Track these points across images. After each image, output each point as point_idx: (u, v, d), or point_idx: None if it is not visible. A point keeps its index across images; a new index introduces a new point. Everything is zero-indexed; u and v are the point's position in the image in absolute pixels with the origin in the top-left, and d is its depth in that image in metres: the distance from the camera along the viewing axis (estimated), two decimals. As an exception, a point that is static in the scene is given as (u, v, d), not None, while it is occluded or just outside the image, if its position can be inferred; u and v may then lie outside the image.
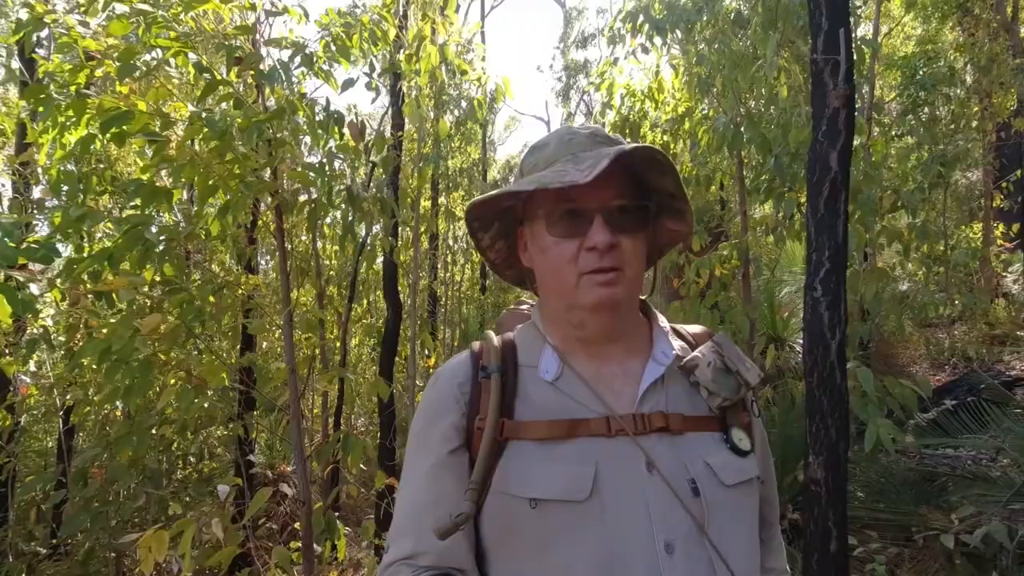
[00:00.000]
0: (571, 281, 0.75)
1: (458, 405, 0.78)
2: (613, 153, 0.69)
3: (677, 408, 0.77)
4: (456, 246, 9.08)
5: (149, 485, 3.65)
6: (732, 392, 0.77)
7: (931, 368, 6.03)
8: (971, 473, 2.89)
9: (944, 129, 6.91)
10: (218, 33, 2.36)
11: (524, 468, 0.72)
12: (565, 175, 0.70)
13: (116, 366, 1.93)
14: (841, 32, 1.54)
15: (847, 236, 1.57)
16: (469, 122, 4.71)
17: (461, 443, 0.76)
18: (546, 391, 0.77)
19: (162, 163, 2.17)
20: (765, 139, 4.12)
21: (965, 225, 7.89)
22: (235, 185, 2.30)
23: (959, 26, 8.01)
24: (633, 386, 0.77)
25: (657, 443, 0.73)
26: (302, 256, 4.25)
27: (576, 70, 21.22)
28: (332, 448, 2.58)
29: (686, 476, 0.72)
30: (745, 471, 0.75)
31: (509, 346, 0.83)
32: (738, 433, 0.77)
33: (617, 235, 0.73)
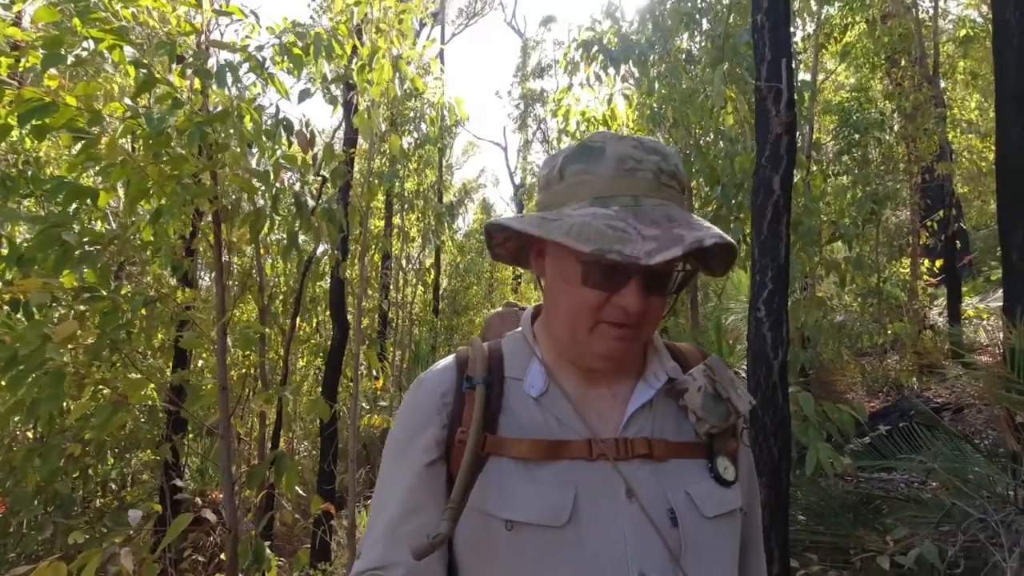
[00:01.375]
0: (586, 325, 0.71)
1: (439, 416, 0.75)
2: (688, 245, 0.62)
3: (663, 433, 0.75)
4: (409, 267, 8.96)
5: (59, 514, 3.33)
6: (721, 419, 0.75)
7: (866, 395, 6.30)
8: (904, 495, 2.98)
9: (875, 170, 7.38)
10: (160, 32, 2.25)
11: (502, 487, 0.70)
12: (626, 241, 0.62)
13: (22, 376, 1.75)
14: (783, 62, 1.60)
15: (788, 258, 1.61)
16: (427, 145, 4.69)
17: (440, 455, 0.74)
18: (531, 407, 0.75)
19: (89, 161, 2.02)
20: (713, 169, 4.28)
21: (895, 260, 8.38)
22: (171, 189, 2.17)
23: (887, 77, 8.65)
24: (620, 408, 0.75)
25: (639, 469, 0.71)
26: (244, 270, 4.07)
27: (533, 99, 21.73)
28: (265, 470, 2.42)
29: (665, 505, 0.70)
30: (727, 502, 0.73)
31: (496, 356, 0.80)
32: (723, 462, 0.75)
33: (650, 296, 0.70)
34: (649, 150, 0.71)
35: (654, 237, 0.63)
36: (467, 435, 0.71)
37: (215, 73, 2.14)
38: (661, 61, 4.23)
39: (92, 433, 2.21)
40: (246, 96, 2.36)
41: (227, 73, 2.14)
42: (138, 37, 2.12)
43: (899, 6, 8.71)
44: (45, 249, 1.86)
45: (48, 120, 1.91)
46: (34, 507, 3.23)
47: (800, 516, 3.53)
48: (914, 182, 7.78)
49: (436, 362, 0.84)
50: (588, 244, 0.63)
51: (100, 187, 2.16)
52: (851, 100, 8.61)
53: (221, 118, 2.17)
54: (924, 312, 7.89)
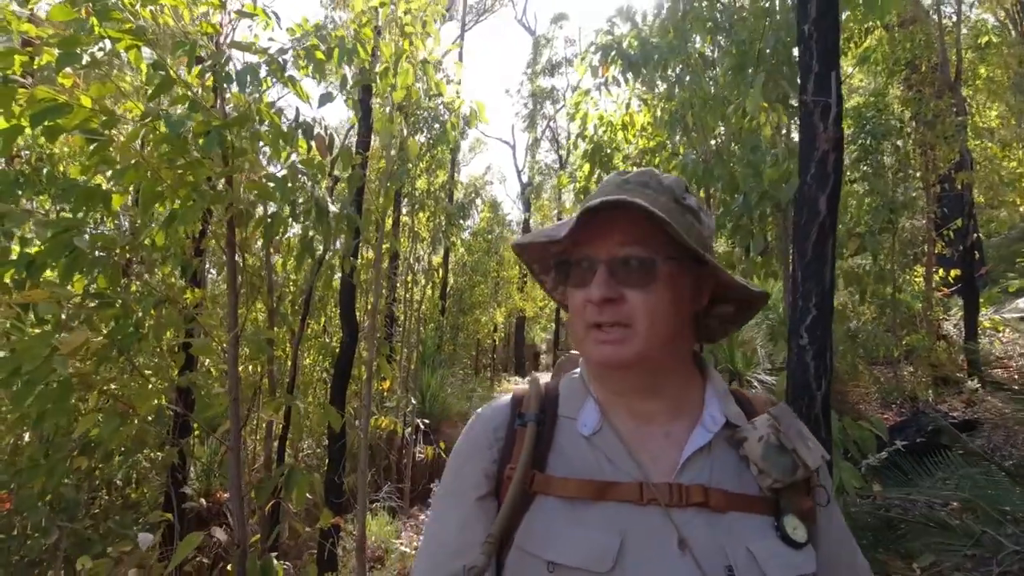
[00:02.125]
0: (581, 333, 0.72)
1: (491, 451, 0.75)
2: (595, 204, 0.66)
3: (721, 483, 0.70)
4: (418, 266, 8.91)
5: (63, 517, 3.27)
6: (785, 473, 0.69)
7: (879, 407, 6.20)
8: (926, 518, 2.90)
9: (892, 178, 7.27)
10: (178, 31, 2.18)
11: (547, 527, 0.68)
12: (558, 227, 0.70)
13: (28, 389, 1.69)
14: (832, 75, 1.52)
15: (833, 282, 1.53)
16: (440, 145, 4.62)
17: (490, 490, 0.73)
18: (582, 446, 0.73)
19: (102, 164, 1.95)
20: (733, 177, 4.19)
21: (909, 269, 8.27)
22: (185, 193, 2.10)
23: (905, 82, 8.52)
24: (675, 452, 0.71)
25: (694, 519, 0.66)
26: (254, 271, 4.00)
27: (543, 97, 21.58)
28: (274, 482, 2.36)
29: (723, 562, 0.64)
30: (797, 566, 0.66)
31: (552, 395, 0.80)
32: (792, 521, 0.68)
33: (621, 288, 0.68)
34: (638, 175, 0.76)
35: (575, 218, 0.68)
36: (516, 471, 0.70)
37: (236, 76, 2.07)
38: (680, 64, 4.14)
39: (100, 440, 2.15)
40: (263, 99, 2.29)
41: (248, 77, 2.07)
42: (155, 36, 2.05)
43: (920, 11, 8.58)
44: (57, 255, 1.80)
45: (61, 121, 1.84)
46: (39, 510, 3.18)
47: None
48: (932, 191, 7.67)
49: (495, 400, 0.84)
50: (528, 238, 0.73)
51: (113, 190, 2.09)
52: (868, 106, 8.49)
53: (240, 122, 2.10)
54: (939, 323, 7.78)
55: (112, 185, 2.08)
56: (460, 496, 0.74)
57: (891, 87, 9.05)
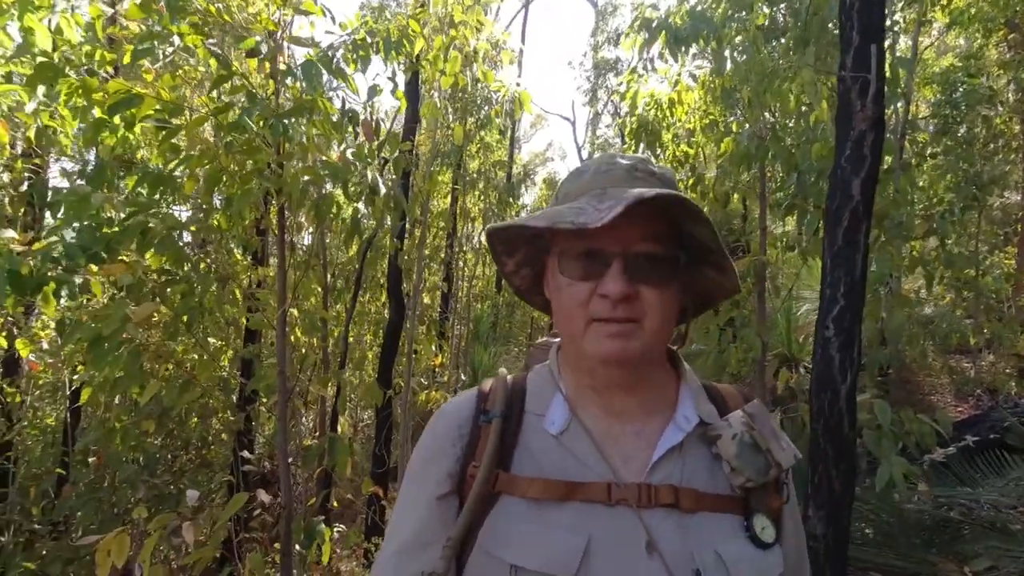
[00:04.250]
0: (579, 327, 0.68)
1: (454, 449, 0.73)
2: (633, 197, 0.62)
3: (693, 482, 0.68)
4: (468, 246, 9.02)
5: (146, 473, 3.65)
6: (759, 473, 0.68)
7: (954, 399, 5.80)
8: (989, 522, 2.72)
9: (981, 150, 6.64)
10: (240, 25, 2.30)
11: (510, 528, 0.66)
12: (581, 214, 0.64)
13: (105, 353, 1.89)
14: (873, 48, 1.41)
15: (866, 271, 1.44)
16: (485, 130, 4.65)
17: (451, 489, 0.72)
18: (549, 445, 0.71)
19: (171, 152, 2.12)
20: (791, 154, 3.98)
21: (999, 250, 7.58)
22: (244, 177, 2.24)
23: (1004, 42, 7.69)
24: (646, 451, 0.70)
25: (664, 520, 0.65)
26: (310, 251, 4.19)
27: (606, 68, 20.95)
28: (319, 451, 2.53)
29: (691, 565, 0.63)
30: (764, 568, 0.66)
31: (519, 389, 0.77)
32: (762, 521, 0.68)
33: (636, 284, 0.66)
34: (628, 158, 0.72)
35: (608, 206, 0.63)
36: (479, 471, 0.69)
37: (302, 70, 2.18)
38: (737, 35, 3.93)
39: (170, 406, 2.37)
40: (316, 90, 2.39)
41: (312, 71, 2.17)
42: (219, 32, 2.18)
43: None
44: (131, 234, 1.99)
45: (134, 111, 2.01)
46: (127, 466, 3.55)
47: (867, 531, 3.32)
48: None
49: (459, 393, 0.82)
50: (542, 221, 0.66)
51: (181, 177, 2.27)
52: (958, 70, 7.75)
53: (298, 112, 2.22)
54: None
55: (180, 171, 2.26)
56: (421, 495, 0.73)
57: (988, 49, 8.21)
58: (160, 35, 1.96)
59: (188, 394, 2.39)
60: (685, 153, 4.36)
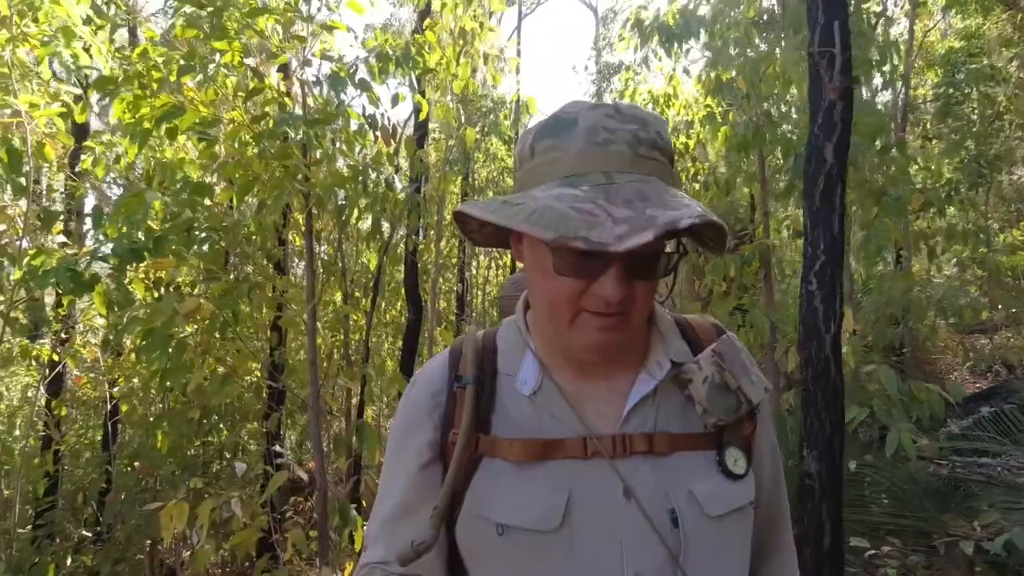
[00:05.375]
0: (567, 317, 0.67)
1: (431, 418, 0.74)
2: (662, 225, 0.56)
3: (667, 426, 0.70)
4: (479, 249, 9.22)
5: (186, 475, 3.85)
6: (730, 412, 0.70)
7: (971, 376, 5.80)
8: (1000, 481, 2.80)
9: (985, 129, 6.67)
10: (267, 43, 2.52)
11: (494, 490, 0.69)
12: (594, 225, 0.57)
13: (156, 343, 2.09)
14: (836, 25, 1.55)
15: (844, 229, 1.57)
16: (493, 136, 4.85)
17: (433, 456, 0.73)
18: (524, 405, 0.72)
19: (210, 160, 2.35)
20: (788, 140, 4.10)
21: (1012, 226, 7.56)
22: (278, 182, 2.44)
23: (1004, 19, 7.71)
24: (620, 402, 0.71)
25: (640, 466, 0.68)
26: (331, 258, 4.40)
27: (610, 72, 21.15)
28: (350, 438, 2.70)
29: (666, 505, 0.66)
30: (736, 499, 0.69)
31: (490, 349, 0.77)
32: (734, 454, 0.70)
33: (632, 283, 0.64)
34: (627, 118, 0.65)
35: (626, 219, 0.57)
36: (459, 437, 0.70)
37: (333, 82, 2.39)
38: (728, 28, 4.08)
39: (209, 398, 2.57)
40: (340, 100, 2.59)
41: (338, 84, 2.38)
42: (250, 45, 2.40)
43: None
44: (178, 231, 2.20)
45: (177, 122, 2.23)
46: (166, 466, 3.77)
47: (884, 499, 3.39)
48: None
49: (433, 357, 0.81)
50: (550, 230, 0.58)
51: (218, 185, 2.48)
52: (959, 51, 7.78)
53: (325, 121, 2.42)
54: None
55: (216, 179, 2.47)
56: (402, 466, 0.74)
57: (988, 27, 8.23)
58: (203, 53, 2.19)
59: (228, 387, 2.58)
60: (685, 144, 4.50)
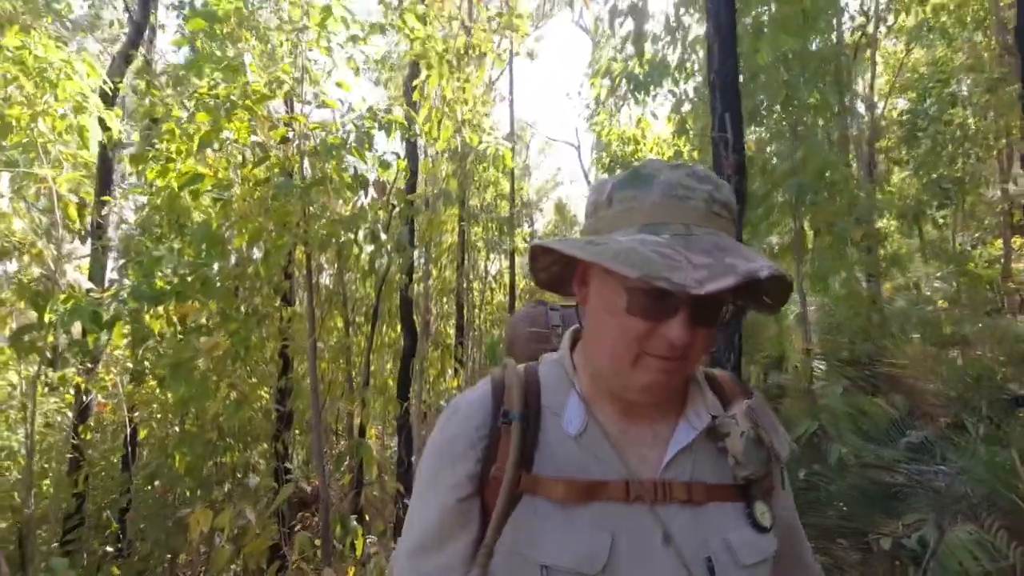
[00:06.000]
0: (629, 357, 0.69)
1: (474, 451, 0.73)
2: (741, 275, 0.60)
3: (702, 475, 0.73)
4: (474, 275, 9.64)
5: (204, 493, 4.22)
6: (761, 466, 0.72)
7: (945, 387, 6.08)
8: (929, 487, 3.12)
9: (951, 152, 7.04)
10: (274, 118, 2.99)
11: (537, 529, 0.69)
12: (675, 268, 0.60)
13: (181, 375, 2.50)
14: (727, 116, 1.95)
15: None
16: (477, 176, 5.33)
17: (473, 490, 0.73)
18: (568, 445, 0.73)
19: (224, 217, 2.81)
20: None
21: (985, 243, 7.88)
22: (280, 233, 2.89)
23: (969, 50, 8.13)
24: (660, 448, 0.73)
25: (678, 514, 0.70)
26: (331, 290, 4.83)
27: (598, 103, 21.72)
28: (349, 453, 3.08)
29: (703, 553, 0.69)
30: (764, 550, 0.72)
31: (533, 384, 0.77)
32: (761, 507, 0.74)
33: (696, 329, 0.67)
34: (701, 179, 0.69)
35: (705, 266, 0.61)
36: (502, 472, 0.70)
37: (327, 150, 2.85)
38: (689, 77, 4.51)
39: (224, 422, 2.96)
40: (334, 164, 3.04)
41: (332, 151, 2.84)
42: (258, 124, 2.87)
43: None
44: (195, 284, 2.64)
45: (199, 186, 2.70)
46: (184, 484, 4.14)
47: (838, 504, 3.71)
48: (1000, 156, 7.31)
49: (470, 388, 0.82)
50: (635, 269, 0.61)
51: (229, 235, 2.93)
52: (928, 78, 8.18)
53: (320, 183, 2.87)
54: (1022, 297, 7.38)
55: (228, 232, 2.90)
56: (441, 497, 0.73)
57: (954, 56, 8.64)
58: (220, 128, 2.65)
59: (242, 411, 2.98)
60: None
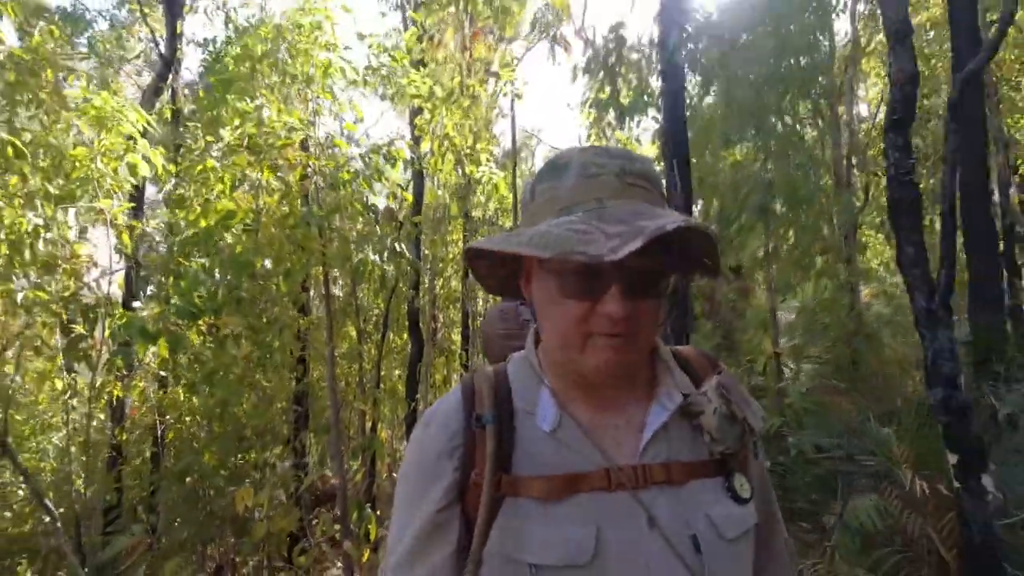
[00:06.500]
0: (576, 342, 0.70)
1: (450, 461, 0.74)
2: (649, 233, 0.61)
3: (679, 455, 0.74)
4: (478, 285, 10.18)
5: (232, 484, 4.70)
6: (736, 440, 0.73)
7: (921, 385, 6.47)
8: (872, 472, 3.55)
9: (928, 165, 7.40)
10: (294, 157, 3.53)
11: (522, 530, 0.69)
12: (589, 242, 0.62)
13: (219, 380, 3.01)
14: (675, 162, 2.41)
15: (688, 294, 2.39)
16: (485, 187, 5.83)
17: (452, 499, 0.73)
18: (544, 441, 0.73)
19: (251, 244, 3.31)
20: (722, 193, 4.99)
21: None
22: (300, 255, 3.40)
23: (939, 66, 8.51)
24: (636, 434, 0.74)
25: (658, 496, 0.70)
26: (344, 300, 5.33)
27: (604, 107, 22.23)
28: (362, 448, 3.55)
29: (687, 532, 0.70)
30: (745, 521, 0.74)
31: (503, 385, 0.78)
32: (739, 479, 0.75)
33: (635, 301, 0.67)
34: (614, 155, 0.71)
35: (618, 234, 0.62)
36: (482, 477, 0.70)
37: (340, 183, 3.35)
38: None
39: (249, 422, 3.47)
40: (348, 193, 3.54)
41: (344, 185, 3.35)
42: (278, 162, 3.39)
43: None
44: (230, 301, 3.13)
45: (231, 221, 3.20)
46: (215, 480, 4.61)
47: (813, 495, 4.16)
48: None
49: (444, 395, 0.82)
50: (548, 250, 0.63)
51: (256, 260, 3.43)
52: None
53: (335, 211, 3.37)
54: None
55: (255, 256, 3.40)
56: (419, 509, 0.73)
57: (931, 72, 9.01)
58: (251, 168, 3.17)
59: (269, 411, 3.47)
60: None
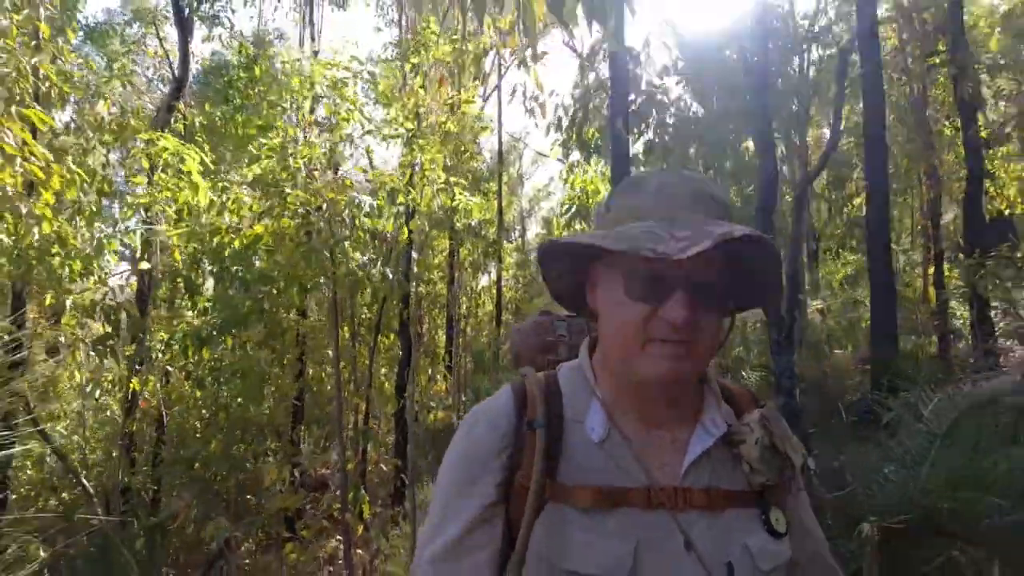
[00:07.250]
0: (636, 346, 0.71)
1: (499, 460, 0.75)
2: (717, 237, 0.65)
3: (719, 482, 0.75)
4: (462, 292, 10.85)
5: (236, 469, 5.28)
6: (776, 473, 0.74)
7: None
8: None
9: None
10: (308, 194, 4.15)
11: (564, 536, 0.71)
12: (659, 242, 0.66)
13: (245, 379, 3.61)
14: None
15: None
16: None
17: (499, 498, 0.75)
18: (592, 452, 0.75)
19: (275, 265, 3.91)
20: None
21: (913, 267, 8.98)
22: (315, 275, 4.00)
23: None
24: (679, 455, 0.75)
25: (697, 520, 0.72)
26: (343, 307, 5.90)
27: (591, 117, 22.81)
28: (358, 438, 4.17)
29: (723, 559, 0.71)
30: (781, 555, 0.74)
31: (553, 390, 0.79)
32: (776, 513, 0.75)
33: (697, 311, 0.69)
34: (687, 179, 0.76)
35: (686, 237, 0.66)
36: (528, 479, 0.72)
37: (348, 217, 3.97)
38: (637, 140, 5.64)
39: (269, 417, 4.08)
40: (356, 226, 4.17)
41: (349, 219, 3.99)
42: None
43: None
44: (255, 312, 3.73)
45: (258, 245, 3.80)
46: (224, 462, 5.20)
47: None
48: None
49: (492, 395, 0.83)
50: (621, 245, 0.67)
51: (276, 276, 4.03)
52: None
53: (344, 239, 3.98)
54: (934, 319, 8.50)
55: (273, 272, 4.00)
56: (465, 503, 0.74)
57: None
58: None
59: (283, 406, 4.07)
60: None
